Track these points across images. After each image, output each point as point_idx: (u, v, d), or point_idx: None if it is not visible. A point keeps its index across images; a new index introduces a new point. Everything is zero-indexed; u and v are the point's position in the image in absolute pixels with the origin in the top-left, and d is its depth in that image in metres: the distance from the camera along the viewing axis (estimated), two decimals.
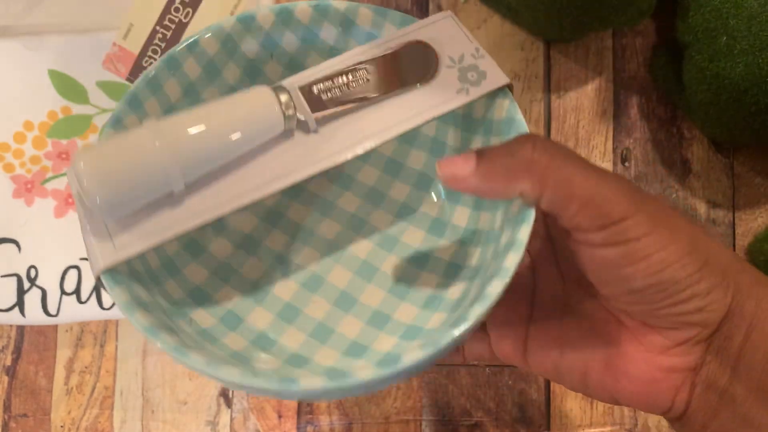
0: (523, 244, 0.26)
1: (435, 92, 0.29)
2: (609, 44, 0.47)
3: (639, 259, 0.25)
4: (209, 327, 0.31)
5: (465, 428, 0.45)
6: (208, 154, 0.26)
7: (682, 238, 0.25)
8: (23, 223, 0.44)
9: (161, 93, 0.31)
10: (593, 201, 0.24)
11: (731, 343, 0.25)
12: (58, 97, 0.44)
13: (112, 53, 0.43)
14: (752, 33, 0.38)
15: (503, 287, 0.25)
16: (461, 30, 0.31)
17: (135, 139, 0.25)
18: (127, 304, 0.26)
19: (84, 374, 0.47)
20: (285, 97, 0.28)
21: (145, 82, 0.30)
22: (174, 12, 0.43)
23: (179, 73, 0.31)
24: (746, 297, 0.25)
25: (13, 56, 0.44)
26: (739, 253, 0.45)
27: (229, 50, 0.32)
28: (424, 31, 0.31)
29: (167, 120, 0.26)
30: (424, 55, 0.30)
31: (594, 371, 0.29)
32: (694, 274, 0.25)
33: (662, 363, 0.27)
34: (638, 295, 0.26)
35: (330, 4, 0.32)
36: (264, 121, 0.27)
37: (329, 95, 0.29)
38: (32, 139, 0.44)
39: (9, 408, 0.47)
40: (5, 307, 0.44)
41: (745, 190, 0.46)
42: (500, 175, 0.25)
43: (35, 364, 0.47)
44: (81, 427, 0.47)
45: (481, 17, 0.47)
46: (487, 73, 0.30)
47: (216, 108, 0.27)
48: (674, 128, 0.46)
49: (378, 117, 0.29)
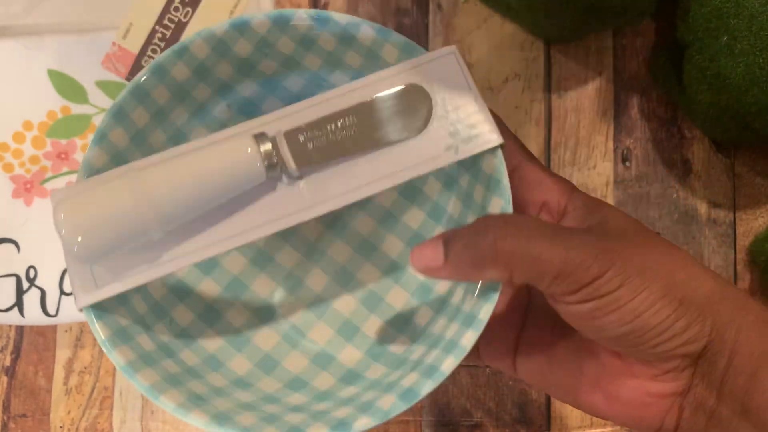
0: (483, 323, 0.27)
1: (423, 146, 0.28)
2: (609, 44, 0.47)
3: (611, 311, 0.25)
4: (192, 365, 0.30)
5: (465, 428, 0.45)
6: (186, 207, 0.26)
7: (654, 283, 0.25)
8: (22, 223, 0.44)
9: (149, 100, 0.30)
10: (563, 272, 0.25)
11: (715, 368, 0.26)
12: (57, 96, 0.44)
13: (112, 53, 0.43)
14: (753, 33, 0.38)
15: (455, 366, 0.27)
16: (462, 72, 0.29)
17: (113, 193, 0.25)
18: (106, 341, 0.27)
19: (83, 374, 0.47)
20: (267, 146, 0.27)
21: (130, 93, 0.29)
22: (173, 12, 0.43)
23: (167, 78, 0.30)
24: (726, 324, 0.26)
25: (13, 56, 0.44)
26: (740, 253, 0.45)
27: (221, 52, 0.31)
28: (423, 69, 0.29)
29: (145, 171, 0.26)
30: (418, 103, 0.29)
31: (583, 390, 0.29)
32: (669, 317, 0.25)
33: (651, 389, 0.27)
34: (616, 341, 0.26)
35: (330, 17, 0.30)
36: (245, 173, 0.27)
37: (315, 144, 0.28)
38: (31, 139, 0.44)
39: (8, 408, 0.47)
40: (4, 307, 0.44)
41: (746, 190, 0.46)
42: (468, 266, 0.26)
43: (34, 365, 0.47)
44: (80, 428, 0.47)
45: (482, 17, 0.47)
46: (480, 131, 0.28)
47: (195, 159, 0.26)
48: (675, 128, 0.46)
49: (363, 168, 0.28)
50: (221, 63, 0.31)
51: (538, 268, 0.25)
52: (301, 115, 0.29)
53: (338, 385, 0.31)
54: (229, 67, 0.31)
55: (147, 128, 0.30)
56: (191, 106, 0.32)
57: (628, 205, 0.46)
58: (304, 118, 0.28)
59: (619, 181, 0.46)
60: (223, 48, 0.30)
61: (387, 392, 0.28)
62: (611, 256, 0.25)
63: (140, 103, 0.29)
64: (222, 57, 0.31)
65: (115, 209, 0.25)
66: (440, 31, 0.47)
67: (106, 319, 0.27)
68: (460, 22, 0.47)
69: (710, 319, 0.26)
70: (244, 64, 0.32)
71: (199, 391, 0.28)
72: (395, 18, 0.48)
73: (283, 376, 0.32)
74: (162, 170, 0.26)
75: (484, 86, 0.47)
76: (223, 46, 0.30)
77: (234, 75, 0.32)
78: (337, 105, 0.29)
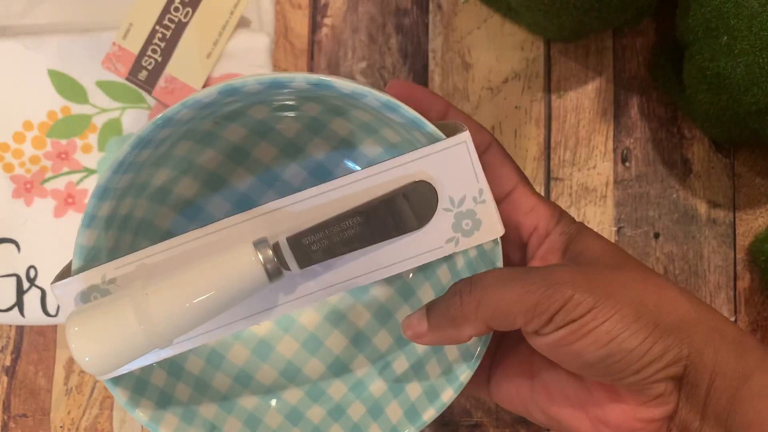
0: (458, 390, 0.30)
1: (425, 239, 0.29)
2: (609, 44, 0.47)
3: (585, 334, 0.26)
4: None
5: (465, 428, 0.45)
6: (190, 323, 0.27)
7: (627, 305, 0.26)
8: (23, 223, 0.44)
9: (133, 168, 0.28)
10: (528, 307, 0.26)
11: (698, 390, 0.26)
12: (57, 96, 0.44)
13: (112, 53, 0.43)
14: (753, 33, 0.38)
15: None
16: (471, 163, 0.28)
17: (119, 319, 0.26)
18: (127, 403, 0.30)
19: (83, 374, 0.47)
20: (269, 253, 0.27)
21: (131, 147, 0.27)
22: (174, 12, 0.43)
23: (169, 127, 0.28)
24: (704, 347, 0.26)
25: (13, 56, 0.44)
26: (739, 253, 0.45)
27: (210, 112, 0.29)
28: (432, 160, 0.28)
29: (149, 296, 0.26)
30: (424, 199, 0.28)
31: (568, 414, 0.29)
32: (645, 340, 0.26)
33: (641, 414, 0.28)
34: (595, 368, 0.27)
35: (332, 84, 0.26)
36: (249, 285, 0.27)
37: (319, 245, 0.28)
38: (32, 139, 0.44)
39: (8, 408, 0.47)
40: (5, 307, 0.44)
41: (746, 190, 0.46)
42: (447, 327, 0.28)
43: (35, 364, 0.47)
44: (80, 428, 0.47)
45: (482, 17, 0.47)
46: (483, 223, 0.29)
47: (197, 275, 0.27)
48: (675, 128, 0.46)
49: (362, 260, 0.29)
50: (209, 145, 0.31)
51: (504, 309, 0.27)
52: (303, 207, 0.28)
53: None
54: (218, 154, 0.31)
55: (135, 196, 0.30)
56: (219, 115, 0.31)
57: (627, 205, 0.46)
58: (307, 215, 0.28)
59: (618, 181, 0.46)
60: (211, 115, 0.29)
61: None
62: (581, 279, 0.26)
63: (125, 172, 0.28)
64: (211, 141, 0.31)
65: (121, 337, 0.26)
66: (440, 31, 0.47)
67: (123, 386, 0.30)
68: (460, 22, 0.47)
69: (687, 342, 0.26)
70: (237, 149, 0.32)
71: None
72: (395, 18, 0.48)
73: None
74: (163, 291, 0.26)
75: (484, 86, 0.47)
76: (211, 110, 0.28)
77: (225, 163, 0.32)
78: (342, 197, 0.28)
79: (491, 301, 0.27)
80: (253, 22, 0.45)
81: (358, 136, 0.33)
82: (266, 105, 0.31)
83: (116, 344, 0.26)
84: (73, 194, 0.45)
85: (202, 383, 0.33)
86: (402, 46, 0.47)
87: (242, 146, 0.33)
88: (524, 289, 0.26)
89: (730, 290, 0.45)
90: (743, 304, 0.45)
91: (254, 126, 0.32)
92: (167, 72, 0.43)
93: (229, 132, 0.32)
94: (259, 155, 0.33)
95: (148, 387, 0.31)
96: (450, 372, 0.31)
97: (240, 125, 0.32)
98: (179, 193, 0.33)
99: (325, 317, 0.36)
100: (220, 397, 0.33)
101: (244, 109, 0.30)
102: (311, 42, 0.48)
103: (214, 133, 0.31)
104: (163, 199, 0.32)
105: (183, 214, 0.33)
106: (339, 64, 0.48)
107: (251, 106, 0.30)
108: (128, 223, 0.30)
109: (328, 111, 0.31)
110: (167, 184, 0.32)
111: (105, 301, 0.27)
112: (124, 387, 0.30)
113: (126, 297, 0.26)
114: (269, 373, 0.35)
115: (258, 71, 0.43)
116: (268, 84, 0.26)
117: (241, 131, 0.32)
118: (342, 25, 0.48)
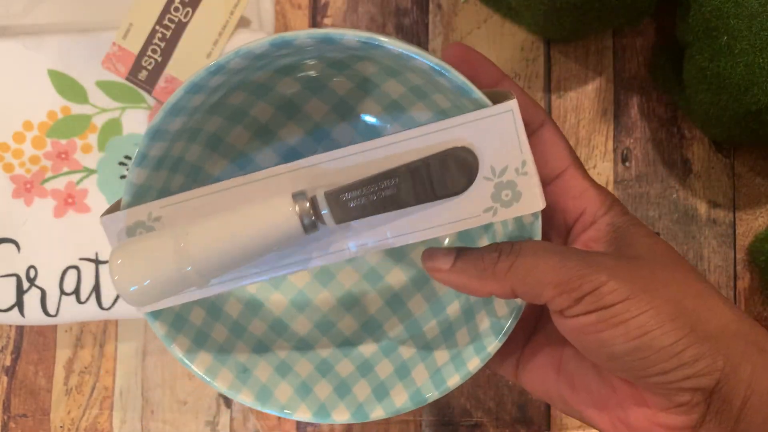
0: (485, 360, 0.30)
1: (462, 206, 0.28)
2: (609, 44, 0.47)
3: (616, 324, 0.25)
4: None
5: (465, 428, 0.45)
6: (226, 266, 0.28)
7: (663, 303, 0.25)
8: (23, 223, 0.44)
9: (186, 112, 0.29)
10: (562, 281, 0.25)
11: (730, 406, 0.25)
12: (57, 96, 0.44)
13: (112, 53, 0.43)
14: (753, 32, 0.38)
15: (436, 397, 0.31)
16: (516, 132, 0.27)
17: (159, 254, 0.27)
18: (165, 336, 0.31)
19: (83, 374, 0.47)
20: (305, 206, 0.27)
21: (184, 91, 0.28)
22: (173, 11, 0.43)
23: (205, 88, 0.29)
24: (740, 361, 0.25)
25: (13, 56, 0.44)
26: (739, 253, 0.45)
27: (263, 64, 0.29)
28: (476, 126, 0.27)
29: (188, 235, 0.27)
30: (465, 165, 0.28)
31: (590, 409, 0.29)
32: (678, 342, 0.24)
33: (662, 420, 0.26)
34: (620, 362, 0.26)
35: (382, 43, 0.26)
36: (284, 235, 0.28)
37: (356, 203, 0.28)
38: (32, 139, 0.44)
39: (8, 408, 0.47)
40: (4, 307, 0.44)
41: (746, 190, 0.46)
42: (472, 277, 0.28)
43: (35, 364, 0.47)
44: (80, 428, 0.47)
45: (482, 17, 0.47)
46: (523, 195, 0.28)
47: (235, 220, 0.27)
48: (675, 128, 0.46)
49: (397, 222, 0.29)
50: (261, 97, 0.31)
51: (536, 277, 0.26)
52: (345, 164, 0.28)
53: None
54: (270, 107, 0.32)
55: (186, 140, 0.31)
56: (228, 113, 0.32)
57: (628, 205, 0.46)
58: (348, 172, 0.28)
59: (618, 181, 0.46)
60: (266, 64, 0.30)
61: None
62: (616, 270, 0.25)
63: (178, 115, 0.29)
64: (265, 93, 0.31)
65: (160, 271, 0.27)
66: (440, 31, 0.47)
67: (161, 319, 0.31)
68: (460, 22, 0.47)
69: (723, 353, 0.25)
70: (289, 103, 0.32)
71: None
72: (395, 18, 0.48)
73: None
74: (203, 232, 0.27)
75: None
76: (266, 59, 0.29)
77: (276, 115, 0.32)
78: (383, 157, 0.28)
79: (525, 266, 0.26)
80: (253, 22, 0.45)
81: (409, 99, 0.33)
82: (320, 60, 0.31)
83: (156, 279, 0.27)
84: (73, 194, 0.45)
85: (239, 327, 0.34)
86: None
87: (294, 100, 0.33)
88: (560, 263, 0.26)
89: (730, 290, 0.45)
90: (743, 304, 0.45)
91: (307, 82, 0.32)
92: (167, 72, 0.43)
93: (282, 85, 0.32)
94: (310, 111, 0.33)
95: (186, 324, 0.32)
96: (479, 342, 0.31)
97: (293, 79, 0.32)
98: (231, 142, 0.33)
99: (363, 276, 0.36)
100: (255, 342, 0.34)
101: (297, 63, 0.31)
102: None
103: (267, 86, 0.32)
104: (215, 146, 0.33)
105: (234, 162, 0.34)
106: None
107: (304, 61, 0.31)
108: (179, 165, 0.31)
109: (381, 72, 0.31)
110: (219, 132, 0.32)
111: (148, 237, 0.28)
112: (163, 321, 0.31)
113: (168, 234, 0.27)
114: (304, 324, 0.35)
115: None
116: (319, 39, 0.27)
117: (293, 85, 0.32)
118: (342, 25, 0.48)
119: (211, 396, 0.46)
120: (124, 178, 0.44)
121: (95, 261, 0.44)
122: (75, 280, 0.44)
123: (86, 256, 0.44)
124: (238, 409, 0.46)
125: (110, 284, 0.44)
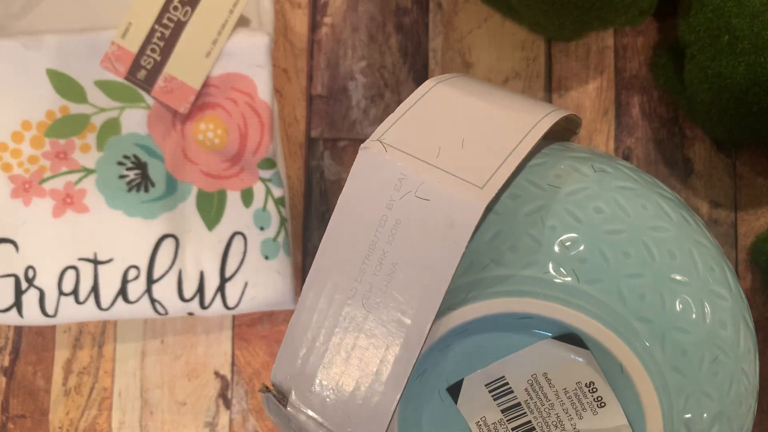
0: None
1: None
2: (610, 43, 0.47)
3: None
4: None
5: None
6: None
7: None
8: (21, 223, 0.44)
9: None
10: None
11: None
12: (56, 96, 0.44)
13: (111, 52, 0.43)
14: (755, 32, 0.38)
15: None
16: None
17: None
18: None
19: (82, 375, 0.47)
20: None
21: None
22: (173, 11, 0.43)
23: None
24: None
25: (11, 56, 0.43)
26: (741, 253, 0.45)
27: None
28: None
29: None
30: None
31: None
32: None
33: None
34: None
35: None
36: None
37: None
38: (30, 139, 0.44)
39: (7, 409, 0.47)
40: (3, 307, 0.44)
41: (747, 190, 0.46)
42: None
43: (33, 365, 0.47)
44: (79, 428, 0.47)
45: (482, 16, 0.47)
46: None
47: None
48: (676, 128, 0.46)
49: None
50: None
51: None
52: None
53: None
54: None
55: None
56: None
57: None
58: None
59: None
60: None
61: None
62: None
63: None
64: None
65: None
66: (440, 31, 0.47)
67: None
68: (460, 21, 0.47)
69: None
70: None
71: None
72: (395, 17, 0.47)
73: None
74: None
75: None
76: None
77: None
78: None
79: None
80: (252, 21, 0.45)
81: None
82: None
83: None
84: (71, 194, 0.44)
85: None
86: (402, 45, 0.47)
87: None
88: None
89: None
90: None
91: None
92: (166, 71, 0.43)
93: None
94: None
95: None
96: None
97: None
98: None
99: None
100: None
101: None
102: (311, 41, 0.48)
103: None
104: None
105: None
106: (339, 64, 0.47)
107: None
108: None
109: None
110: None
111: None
112: None
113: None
114: None
115: (257, 70, 0.43)
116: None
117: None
118: (342, 25, 0.48)
119: (211, 397, 0.46)
120: (122, 178, 0.44)
121: (94, 261, 0.44)
122: (74, 281, 0.44)
123: (85, 256, 0.44)
124: (237, 410, 0.46)
125: (109, 284, 0.44)
